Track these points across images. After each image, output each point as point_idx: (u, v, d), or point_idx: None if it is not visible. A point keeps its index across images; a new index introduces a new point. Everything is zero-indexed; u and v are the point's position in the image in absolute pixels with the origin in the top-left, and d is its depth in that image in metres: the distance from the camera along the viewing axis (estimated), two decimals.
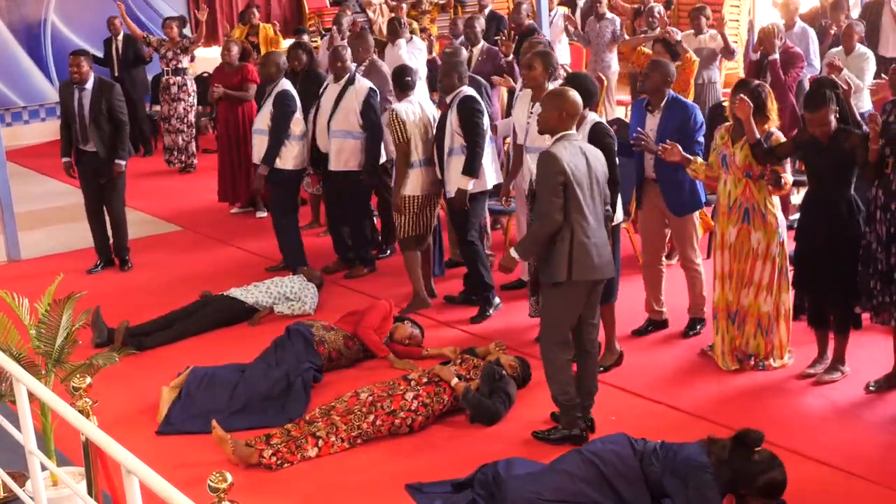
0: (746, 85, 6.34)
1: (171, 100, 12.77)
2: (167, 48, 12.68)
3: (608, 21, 12.60)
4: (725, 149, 6.29)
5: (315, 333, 6.65)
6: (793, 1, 10.58)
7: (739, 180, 6.23)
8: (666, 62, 7.00)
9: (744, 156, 6.17)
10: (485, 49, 9.97)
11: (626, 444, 4.83)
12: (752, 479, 4.46)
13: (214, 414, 5.93)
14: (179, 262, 9.37)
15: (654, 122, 6.74)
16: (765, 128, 6.20)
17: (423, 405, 5.86)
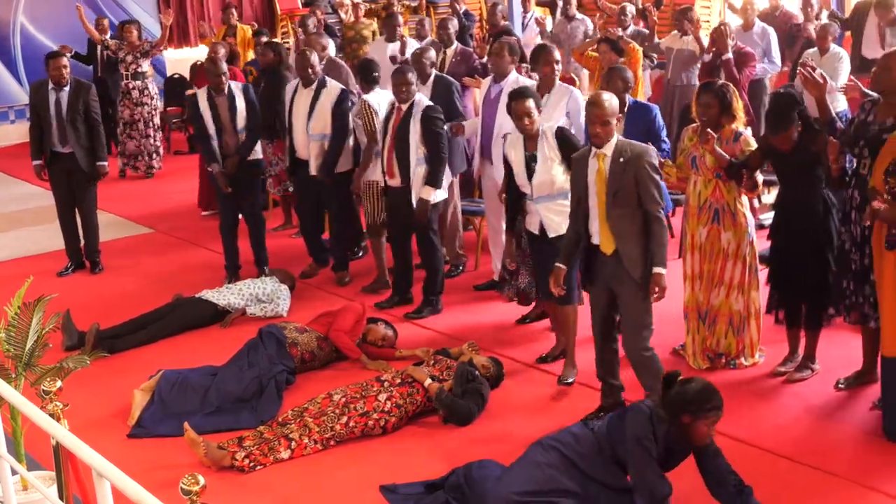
0: (711, 86, 6.35)
1: (133, 104, 12.67)
2: (126, 52, 12.59)
3: (579, 22, 12.64)
4: (695, 150, 6.30)
5: (288, 335, 6.64)
6: (750, 3, 10.70)
7: (709, 181, 6.25)
8: (622, 68, 6.92)
9: (713, 158, 6.18)
10: (459, 50, 9.98)
11: (580, 425, 4.99)
12: (685, 402, 4.59)
13: (187, 416, 5.91)
14: (151, 264, 9.33)
15: (619, 130, 6.65)
16: (732, 127, 6.24)
17: (396, 406, 5.86)
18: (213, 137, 8.31)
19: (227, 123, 8.31)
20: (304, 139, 8.24)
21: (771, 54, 10.47)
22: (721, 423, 5.35)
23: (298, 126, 8.29)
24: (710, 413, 4.58)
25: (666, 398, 4.67)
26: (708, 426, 4.60)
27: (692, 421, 4.57)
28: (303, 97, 8.26)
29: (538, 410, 6.07)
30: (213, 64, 8.51)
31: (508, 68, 7.74)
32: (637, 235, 5.40)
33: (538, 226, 6.25)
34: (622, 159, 5.38)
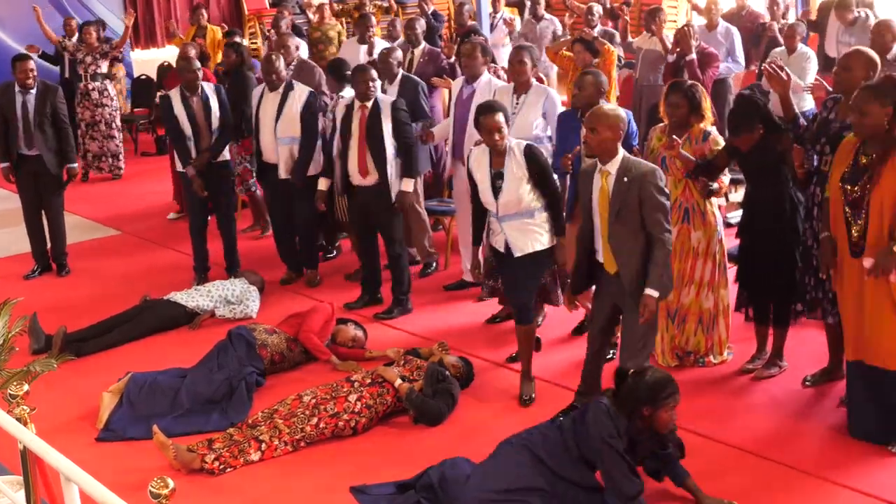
0: (680, 86, 6.37)
1: (93, 106, 12.56)
2: (85, 53, 12.49)
3: (547, 22, 12.68)
4: (664, 151, 6.31)
5: (257, 337, 6.62)
6: (714, 3, 10.78)
7: (679, 181, 6.27)
8: (597, 72, 6.88)
9: (686, 156, 6.21)
10: (426, 50, 9.98)
11: (548, 424, 5.03)
12: (642, 395, 4.67)
13: (156, 419, 5.88)
14: (118, 266, 9.27)
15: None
16: (701, 126, 6.27)
17: (366, 407, 5.86)
18: (189, 138, 8.22)
19: (202, 124, 8.23)
20: (272, 143, 8.15)
21: (735, 54, 10.56)
22: (689, 420, 5.40)
23: (266, 130, 8.19)
24: (668, 401, 4.69)
25: (621, 394, 4.76)
26: (669, 413, 4.71)
27: (653, 412, 4.66)
28: (269, 101, 8.17)
29: (508, 409, 6.08)
30: (186, 62, 8.41)
31: (481, 69, 7.76)
32: (639, 256, 5.28)
33: (503, 244, 6.07)
34: (626, 178, 5.24)
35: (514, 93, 7.31)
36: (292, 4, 16.42)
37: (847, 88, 5.58)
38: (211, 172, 8.29)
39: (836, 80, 5.79)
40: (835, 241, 5.24)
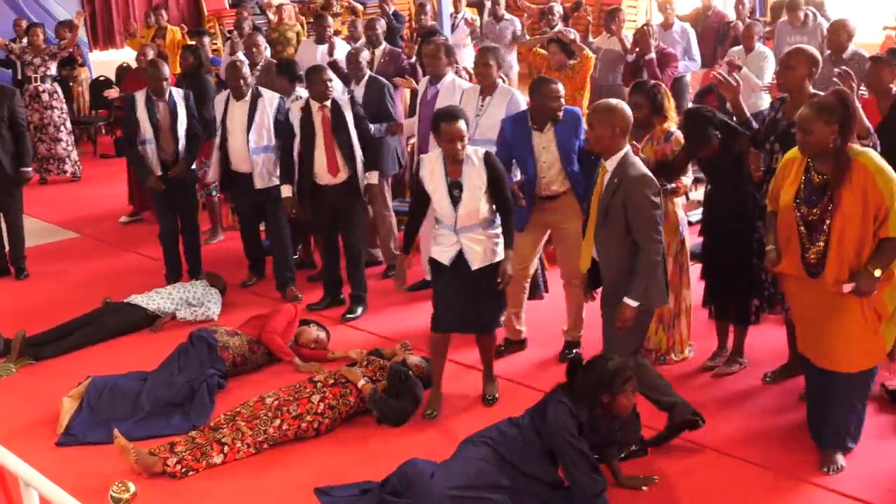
0: (642, 86, 6.39)
1: (43, 108, 12.41)
2: (33, 55, 12.36)
3: (508, 22, 12.71)
4: None
5: (219, 339, 6.58)
6: (670, 2, 10.88)
7: None
8: (548, 79, 6.67)
9: (645, 157, 6.21)
10: (387, 51, 9.98)
11: (507, 421, 5.03)
12: (599, 384, 4.75)
13: (117, 423, 5.84)
14: (78, 269, 9.19)
15: (549, 139, 6.44)
16: (664, 127, 6.30)
17: (329, 408, 5.85)
18: (151, 141, 8.05)
19: (166, 129, 8.11)
20: (244, 153, 7.94)
21: (691, 53, 10.65)
22: (651, 418, 5.43)
23: (236, 139, 7.97)
24: (626, 386, 4.77)
25: (577, 385, 4.82)
26: (628, 398, 4.78)
27: (612, 399, 4.74)
28: (237, 109, 7.98)
29: (472, 409, 6.09)
30: (155, 68, 8.21)
31: (445, 69, 7.77)
32: (620, 262, 5.17)
33: (450, 257, 5.86)
34: (617, 179, 5.11)
35: (480, 94, 7.31)
36: (252, 5, 16.35)
37: (792, 87, 5.66)
38: (175, 179, 8.20)
39: (779, 79, 5.84)
40: (780, 255, 5.11)
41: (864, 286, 4.77)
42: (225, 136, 8.05)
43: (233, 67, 8.02)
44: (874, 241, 4.77)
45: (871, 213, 4.71)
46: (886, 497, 4.92)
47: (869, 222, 4.73)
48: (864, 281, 4.76)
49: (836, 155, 4.75)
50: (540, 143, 6.43)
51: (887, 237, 4.72)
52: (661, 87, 6.40)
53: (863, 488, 4.99)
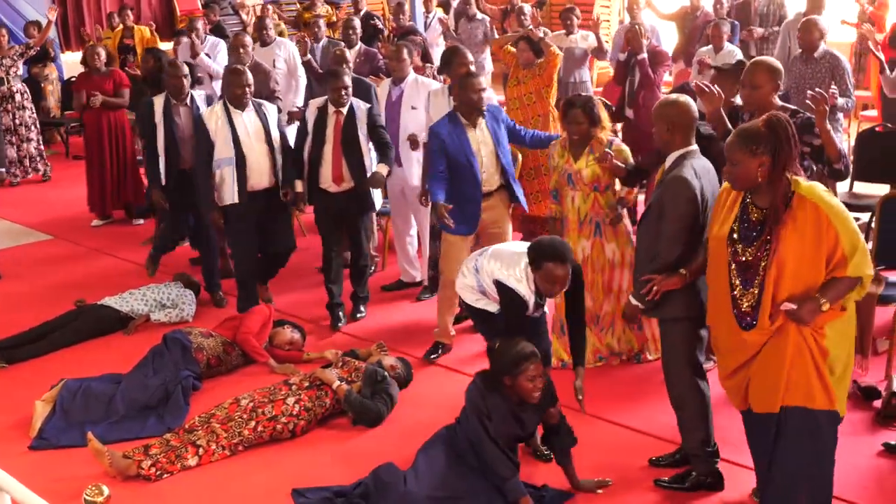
0: (575, 102, 6.30)
1: (16, 108, 12.34)
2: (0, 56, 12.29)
3: (479, 22, 12.75)
4: (569, 166, 6.32)
5: (193, 340, 6.55)
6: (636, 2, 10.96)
7: (588, 195, 6.31)
8: (470, 73, 6.66)
9: (591, 171, 6.24)
10: (362, 51, 9.98)
11: (453, 424, 5.13)
12: (500, 367, 4.86)
13: (90, 426, 5.80)
14: (50, 271, 9.12)
15: (484, 134, 6.54)
16: (602, 136, 6.27)
17: (304, 409, 5.83)
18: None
19: (187, 137, 7.65)
20: (265, 164, 7.27)
21: None
22: (621, 415, 5.45)
23: (254, 152, 7.23)
24: (524, 369, 4.80)
25: (491, 366, 4.95)
26: (529, 380, 4.81)
27: (513, 381, 4.82)
28: (246, 119, 7.25)
29: (448, 410, 6.07)
30: (173, 67, 7.78)
31: (406, 70, 7.77)
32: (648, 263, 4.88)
33: None
34: (664, 179, 4.85)
35: (451, 94, 7.30)
36: (224, 5, 16.27)
37: (759, 105, 5.40)
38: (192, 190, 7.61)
39: (744, 99, 5.57)
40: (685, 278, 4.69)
41: (805, 314, 4.11)
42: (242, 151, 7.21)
43: (236, 73, 7.29)
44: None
45: (821, 256, 4.11)
46: (860, 493, 4.96)
47: (818, 267, 4.12)
48: (808, 308, 4.11)
49: (772, 189, 4.17)
50: (477, 140, 6.53)
51: (844, 276, 4.12)
52: (594, 99, 6.38)
53: (837, 486, 4.98)
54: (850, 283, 4.12)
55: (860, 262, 4.08)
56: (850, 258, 4.07)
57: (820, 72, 7.86)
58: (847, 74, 7.89)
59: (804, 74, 7.96)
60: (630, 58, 9.21)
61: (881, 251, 6.47)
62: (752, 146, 4.13)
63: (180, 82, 7.74)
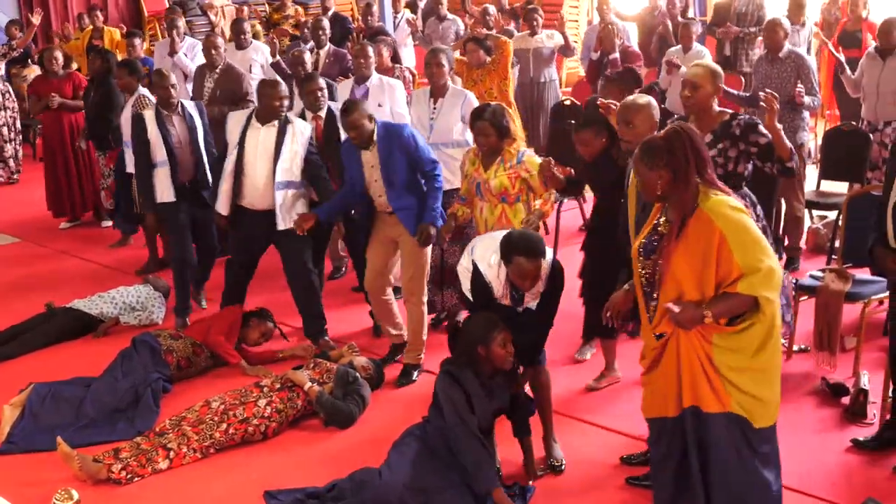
0: (483, 113, 5.95)
1: None
2: None
3: (450, 22, 12.76)
4: (478, 175, 6.05)
5: (162, 342, 6.52)
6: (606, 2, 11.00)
7: (496, 206, 6.01)
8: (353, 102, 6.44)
9: (499, 182, 5.95)
10: (331, 52, 9.96)
11: (421, 423, 5.16)
12: (471, 338, 4.91)
13: (60, 430, 5.76)
14: (18, 274, 9.06)
15: (374, 158, 6.27)
16: (515, 147, 6.02)
17: (276, 411, 5.82)
18: (164, 164, 7.21)
19: (185, 148, 7.33)
20: (267, 187, 6.75)
21: None
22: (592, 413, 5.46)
23: (259, 171, 6.77)
24: (496, 335, 4.86)
25: (457, 349, 4.99)
26: (501, 346, 4.85)
27: (487, 350, 4.86)
28: (263, 135, 6.78)
29: (421, 410, 6.06)
30: (160, 76, 7.36)
31: (371, 69, 7.78)
32: None
33: None
34: None
35: (431, 97, 7.29)
36: (192, 6, 16.22)
37: (699, 108, 5.37)
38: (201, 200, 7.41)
39: (686, 102, 5.46)
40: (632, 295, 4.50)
41: (683, 318, 4.00)
42: (242, 166, 6.79)
43: (271, 86, 6.83)
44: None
45: (710, 272, 3.99)
46: (830, 490, 4.99)
47: (709, 284, 4.00)
48: (688, 314, 3.99)
49: (673, 203, 4.09)
50: (368, 163, 6.33)
51: (735, 292, 3.97)
52: (503, 109, 6.03)
53: (805, 482, 5.06)
54: (742, 300, 3.96)
55: (755, 282, 3.93)
56: (745, 276, 3.92)
57: (785, 71, 7.93)
58: (812, 73, 7.97)
59: (770, 74, 8.02)
60: (602, 57, 9.24)
61: (848, 249, 6.52)
62: (651, 160, 4.06)
63: (168, 92, 7.31)
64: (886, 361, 5.54)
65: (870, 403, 5.67)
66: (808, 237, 8.34)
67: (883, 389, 5.61)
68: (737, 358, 4.06)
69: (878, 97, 8.28)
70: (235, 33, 10.54)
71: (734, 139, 5.32)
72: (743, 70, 11.01)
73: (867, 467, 5.18)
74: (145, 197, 7.51)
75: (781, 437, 5.46)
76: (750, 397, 4.09)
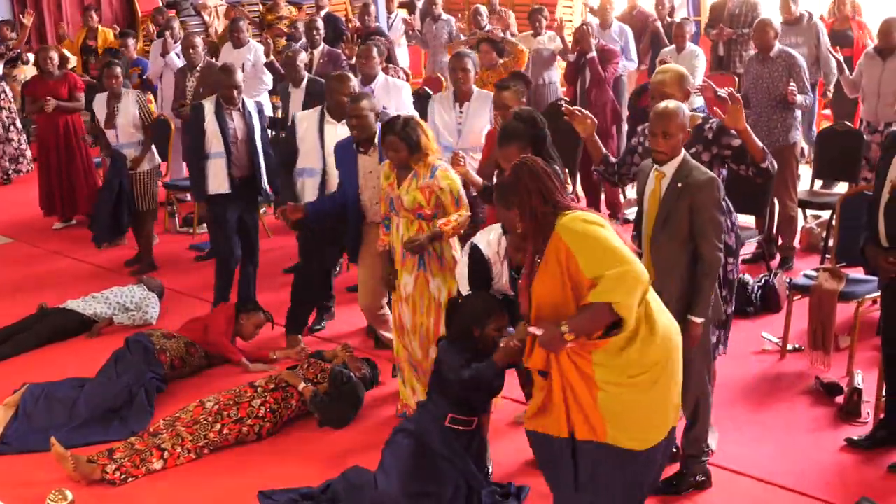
0: (393, 126, 5.60)
1: None
2: None
3: (444, 22, 12.76)
4: (391, 191, 5.71)
5: (155, 342, 6.51)
6: (609, 3, 10.98)
7: (412, 222, 5.64)
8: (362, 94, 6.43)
9: (412, 198, 5.58)
10: (325, 51, 9.96)
11: (412, 416, 5.14)
12: (467, 319, 4.83)
13: (54, 430, 5.76)
14: (12, 275, 9.04)
15: (372, 163, 6.17)
16: (428, 161, 5.63)
17: (270, 412, 5.82)
18: (220, 154, 7.14)
19: (242, 144, 7.23)
20: None
21: (629, 53, 10.76)
22: None
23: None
24: (492, 319, 4.79)
25: (453, 325, 4.93)
26: (497, 331, 4.78)
27: (481, 332, 4.80)
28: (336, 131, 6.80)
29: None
30: (227, 73, 7.24)
31: (376, 70, 7.76)
32: (681, 273, 4.71)
33: None
34: (680, 184, 4.67)
35: (456, 101, 7.21)
36: (186, 6, 16.20)
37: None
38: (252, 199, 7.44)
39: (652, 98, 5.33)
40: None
41: (546, 340, 3.99)
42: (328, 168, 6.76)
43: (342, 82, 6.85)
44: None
45: (566, 288, 3.97)
46: (824, 489, 5.00)
47: (567, 300, 3.98)
48: (548, 335, 3.97)
49: (532, 235, 4.09)
50: (365, 167, 6.21)
51: (589, 303, 3.93)
52: (415, 122, 5.66)
53: (799, 481, 5.07)
54: (599, 309, 3.90)
55: (603, 289, 3.87)
56: (596, 285, 3.88)
57: (777, 71, 7.91)
58: (804, 72, 7.94)
59: (761, 74, 8.01)
60: (580, 57, 9.25)
61: (841, 249, 6.54)
62: (504, 200, 4.11)
63: (230, 92, 7.18)
64: (880, 360, 5.55)
65: (864, 402, 5.68)
66: (801, 236, 8.36)
67: (877, 388, 5.63)
68: (617, 374, 3.97)
69: (878, 98, 8.18)
70: (231, 31, 10.55)
71: (707, 143, 5.18)
72: (737, 71, 11.03)
73: (861, 466, 5.20)
74: (196, 186, 7.40)
75: (776, 436, 5.51)
76: (625, 421, 4.01)
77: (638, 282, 3.90)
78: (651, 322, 3.99)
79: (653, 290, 4.11)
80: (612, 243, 3.92)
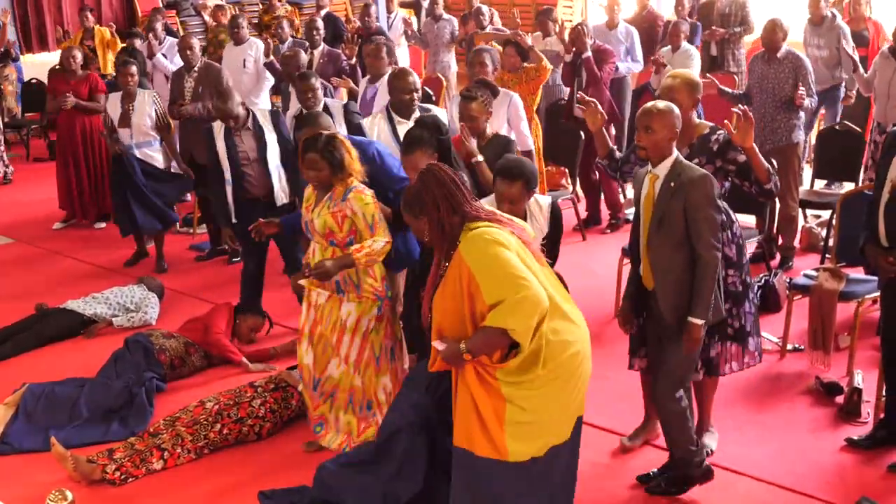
0: (315, 144, 5.28)
1: None
2: None
3: (445, 21, 12.77)
4: (306, 213, 5.45)
5: (155, 342, 6.52)
6: (617, 2, 10.97)
7: (326, 248, 5.39)
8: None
9: (322, 222, 5.30)
10: (325, 51, 9.96)
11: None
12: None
13: (54, 430, 5.76)
14: (12, 275, 9.03)
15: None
16: (349, 182, 5.31)
17: (270, 412, 5.82)
18: (228, 182, 6.95)
19: (254, 163, 6.96)
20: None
21: (634, 53, 10.74)
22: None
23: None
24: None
25: None
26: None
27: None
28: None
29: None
30: (223, 101, 6.91)
31: (385, 69, 7.77)
32: (678, 274, 4.67)
33: None
34: (673, 183, 4.63)
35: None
36: (186, 6, 16.20)
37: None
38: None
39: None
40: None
41: (446, 355, 4.02)
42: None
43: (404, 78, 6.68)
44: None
45: (464, 309, 3.97)
46: (824, 489, 5.00)
47: (463, 320, 4.00)
48: (449, 351, 4.00)
49: (443, 244, 4.08)
50: None
51: (486, 325, 3.91)
52: (338, 140, 5.32)
53: (799, 481, 5.07)
54: (495, 332, 3.90)
55: (500, 315, 3.86)
56: (494, 309, 3.87)
57: (783, 72, 7.88)
58: (810, 74, 7.91)
59: (766, 75, 7.99)
60: (576, 58, 9.26)
61: (842, 248, 6.54)
62: (411, 209, 4.11)
63: (224, 114, 6.94)
64: (880, 360, 5.55)
65: (864, 402, 5.69)
66: (801, 236, 8.36)
67: (877, 388, 5.64)
68: (521, 392, 3.98)
69: (888, 98, 8.09)
70: (231, 28, 10.55)
71: (711, 155, 5.12)
72: (730, 70, 11.04)
73: (861, 466, 5.20)
74: (218, 211, 7.22)
75: (776, 436, 5.51)
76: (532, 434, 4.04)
77: (536, 307, 3.88)
78: (553, 345, 3.97)
79: (564, 299, 4.12)
80: (513, 267, 3.89)
